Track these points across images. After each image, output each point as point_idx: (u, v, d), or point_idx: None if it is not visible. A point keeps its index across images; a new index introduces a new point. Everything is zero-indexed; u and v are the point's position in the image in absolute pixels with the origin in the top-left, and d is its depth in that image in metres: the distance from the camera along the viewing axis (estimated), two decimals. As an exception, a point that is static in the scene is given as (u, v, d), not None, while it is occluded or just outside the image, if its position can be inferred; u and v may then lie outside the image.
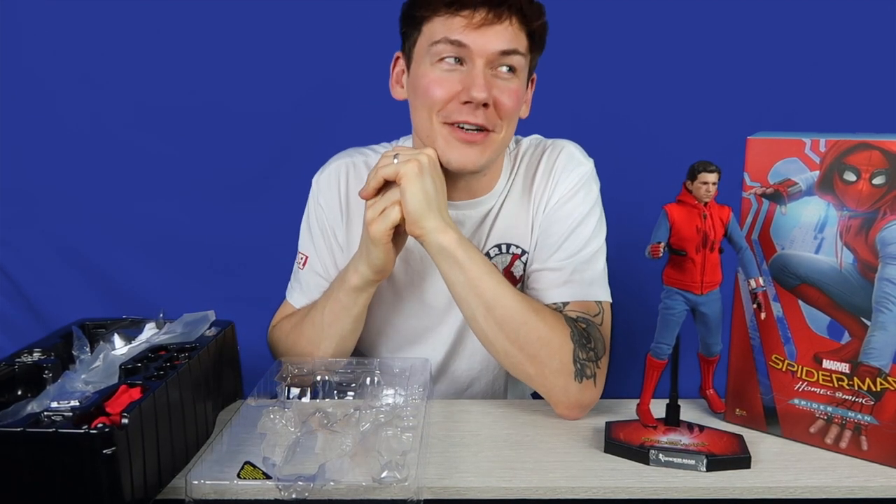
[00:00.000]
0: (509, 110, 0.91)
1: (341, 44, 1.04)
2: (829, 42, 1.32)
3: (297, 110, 1.41)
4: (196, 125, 1.40)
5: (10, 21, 1.38)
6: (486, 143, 0.92)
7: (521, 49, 0.90)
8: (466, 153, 0.91)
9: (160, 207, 1.43)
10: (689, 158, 0.80)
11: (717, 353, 0.85)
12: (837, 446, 0.83)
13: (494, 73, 0.90)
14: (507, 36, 0.88)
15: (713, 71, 1.34)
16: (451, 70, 0.90)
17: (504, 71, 0.90)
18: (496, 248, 1.05)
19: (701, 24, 1.34)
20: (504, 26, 0.88)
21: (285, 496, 0.70)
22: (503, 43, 0.88)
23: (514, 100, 0.91)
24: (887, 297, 0.78)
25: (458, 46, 0.88)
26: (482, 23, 0.87)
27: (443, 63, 0.90)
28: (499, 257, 1.05)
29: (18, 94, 1.40)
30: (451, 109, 0.90)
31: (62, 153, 1.42)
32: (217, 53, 1.38)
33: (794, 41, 1.33)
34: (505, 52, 0.89)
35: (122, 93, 1.40)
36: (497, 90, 0.90)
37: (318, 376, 0.98)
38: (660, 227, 0.79)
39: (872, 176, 0.77)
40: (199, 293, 1.20)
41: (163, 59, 1.39)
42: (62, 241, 1.44)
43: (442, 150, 0.92)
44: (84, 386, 0.80)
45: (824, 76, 1.32)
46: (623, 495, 0.76)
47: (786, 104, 1.32)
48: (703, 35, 1.34)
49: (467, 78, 0.89)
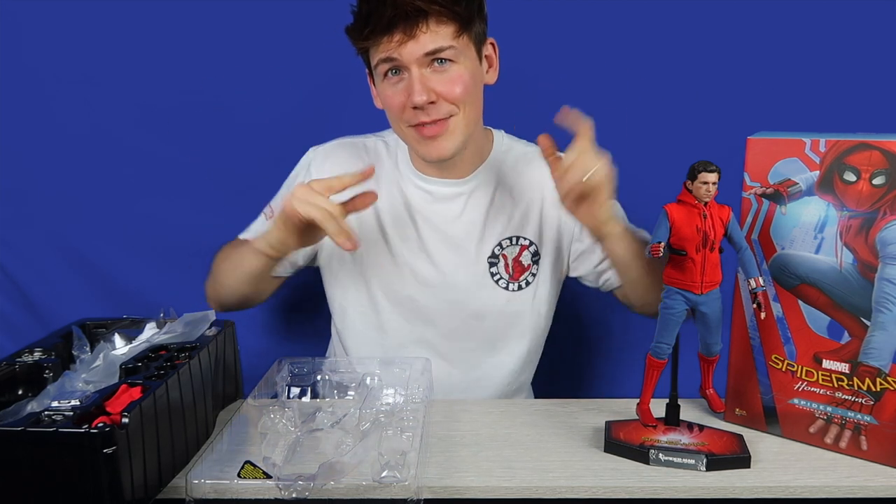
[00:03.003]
0: (456, 95, 0.97)
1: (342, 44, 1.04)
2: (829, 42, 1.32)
3: (297, 110, 1.40)
4: (196, 125, 1.40)
5: (10, 21, 1.38)
6: (450, 129, 0.99)
7: (446, 43, 0.95)
8: (436, 145, 1.00)
9: (160, 207, 1.43)
10: (689, 158, 0.80)
11: (716, 352, 0.85)
12: (837, 446, 0.83)
13: (432, 70, 0.96)
14: (427, 40, 0.94)
15: (713, 71, 1.34)
16: (398, 81, 0.98)
17: (439, 65, 0.96)
18: (507, 240, 1.11)
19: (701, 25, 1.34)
20: (420, 34, 0.93)
21: (285, 496, 0.70)
22: (425, 47, 0.94)
23: (458, 84, 0.97)
24: (887, 297, 0.78)
25: (392, 62, 0.96)
26: (401, 41, 0.93)
27: (389, 78, 0.98)
28: (509, 248, 1.11)
29: (18, 94, 1.40)
30: (408, 115, 0.98)
31: (62, 153, 1.42)
32: (217, 54, 1.38)
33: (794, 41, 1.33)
34: (430, 53, 0.94)
35: (123, 93, 1.40)
36: (437, 83, 0.96)
37: (319, 376, 0.98)
38: (660, 227, 0.79)
39: (872, 176, 0.77)
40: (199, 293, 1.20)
41: (163, 59, 1.38)
42: (62, 241, 1.44)
43: (416, 148, 1.03)
44: (84, 385, 0.80)
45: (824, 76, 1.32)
46: (623, 495, 0.76)
47: (786, 104, 1.32)
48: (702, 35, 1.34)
49: (408, 85, 0.96)
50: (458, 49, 0.96)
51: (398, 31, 0.93)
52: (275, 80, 1.40)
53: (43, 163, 1.43)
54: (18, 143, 1.43)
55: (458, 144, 1.00)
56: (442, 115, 0.97)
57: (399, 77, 0.97)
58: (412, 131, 1.00)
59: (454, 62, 0.96)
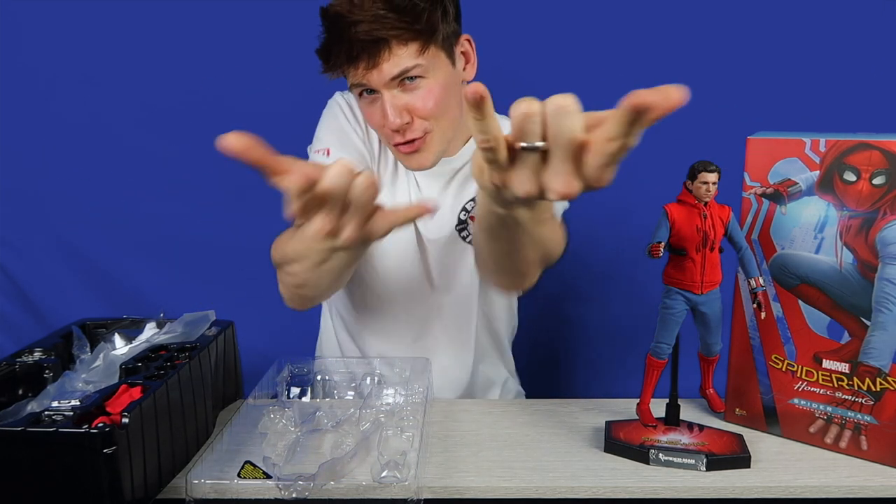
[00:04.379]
0: (429, 111, 0.97)
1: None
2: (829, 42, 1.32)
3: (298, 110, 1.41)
4: (197, 125, 1.40)
5: (10, 21, 1.38)
6: (428, 143, 0.99)
7: (411, 62, 0.94)
8: (416, 158, 1.00)
9: (160, 207, 1.43)
10: (689, 158, 0.80)
11: (716, 352, 0.85)
12: (837, 446, 0.83)
13: (402, 89, 0.96)
14: (392, 64, 0.93)
15: (713, 71, 1.34)
16: (372, 101, 0.98)
17: (409, 82, 0.95)
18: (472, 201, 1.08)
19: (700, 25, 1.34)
20: (386, 63, 0.93)
21: (285, 496, 0.70)
22: (391, 72, 0.93)
23: (429, 100, 0.96)
24: (887, 297, 0.78)
25: (362, 85, 0.96)
26: (365, 70, 0.93)
27: (364, 97, 0.98)
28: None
29: (19, 94, 1.40)
30: (386, 135, 0.99)
31: (63, 153, 1.42)
32: (218, 53, 1.38)
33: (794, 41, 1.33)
34: (396, 76, 0.94)
35: (123, 92, 1.40)
36: (409, 100, 0.96)
37: (319, 376, 0.98)
38: (660, 227, 0.79)
39: (872, 176, 0.77)
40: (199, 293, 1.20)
41: (163, 58, 1.39)
42: (62, 241, 1.44)
43: (399, 159, 1.03)
44: (84, 385, 0.80)
45: (824, 76, 1.32)
46: (623, 495, 0.76)
47: (786, 104, 1.32)
48: (702, 35, 1.34)
49: (382, 108, 0.96)
50: (426, 64, 0.95)
51: (361, 62, 0.93)
52: (275, 80, 1.40)
53: (43, 163, 1.43)
54: (18, 143, 1.43)
55: (436, 155, 1.01)
56: (417, 134, 0.98)
57: (373, 97, 0.97)
58: (392, 147, 1.01)
59: (423, 77, 0.96)
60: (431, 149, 1.00)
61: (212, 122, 1.41)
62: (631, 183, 1.37)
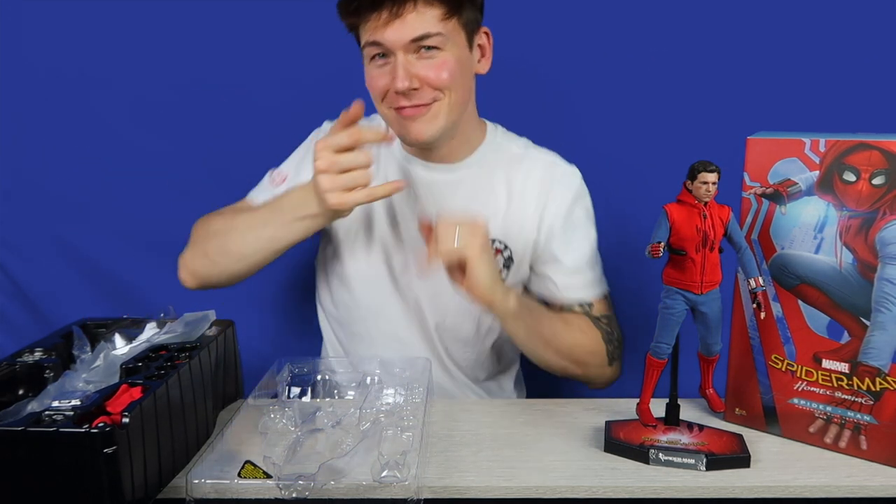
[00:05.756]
0: (441, 82, 0.95)
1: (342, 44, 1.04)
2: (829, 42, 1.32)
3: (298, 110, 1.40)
4: (197, 125, 1.40)
5: (11, 21, 1.38)
6: (433, 111, 0.97)
7: (433, 28, 0.93)
8: (418, 126, 0.97)
9: (160, 207, 1.43)
10: (689, 158, 0.80)
11: (716, 352, 0.85)
12: (837, 446, 0.83)
13: (418, 56, 0.95)
14: (414, 24, 0.92)
15: (713, 71, 1.34)
16: (383, 65, 0.96)
17: (425, 51, 0.95)
18: None
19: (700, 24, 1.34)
20: (407, 16, 0.92)
21: (286, 495, 0.70)
22: (412, 31, 0.92)
23: (444, 71, 0.95)
24: (887, 297, 0.78)
25: (377, 45, 0.94)
26: (388, 20, 0.92)
27: (375, 60, 0.96)
28: None
29: (18, 93, 1.40)
30: (390, 98, 0.97)
31: (62, 153, 1.42)
32: (218, 53, 1.38)
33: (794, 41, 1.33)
34: (416, 39, 0.93)
35: (123, 92, 1.40)
36: (421, 68, 0.94)
37: (319, 376, 0.98)
38: (660, 227, 0.79)
39: (872, 176, 0.77)
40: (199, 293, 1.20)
41: (163, 58, 1.38)
42: (62, 241, 1.44)
43: (397, 130, 1.00)
44: (85, 385, 0.80)
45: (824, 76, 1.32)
46: (623, 495, 0.76)
47: (786, 104, 1.32)
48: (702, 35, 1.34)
49: (392, 69, 0.95)
50: (446, 35, 0.94)
51: (385, 9, 0.91)
52: (275, 80, 1.40)
53: (43, 163, 1.43)
54: (18, 143, 1.43)
55: (438, 129, 0.98)
56: (425, 100, 0.96)
57: (385, 61, 0.95)
58: (393, 112, 0.98)
59: (441, 49, 0.95)
60: (436, 119, 0.97)
61: (212, 122, 1.41)
62: (631, 183, 1.37)
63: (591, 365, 1.02)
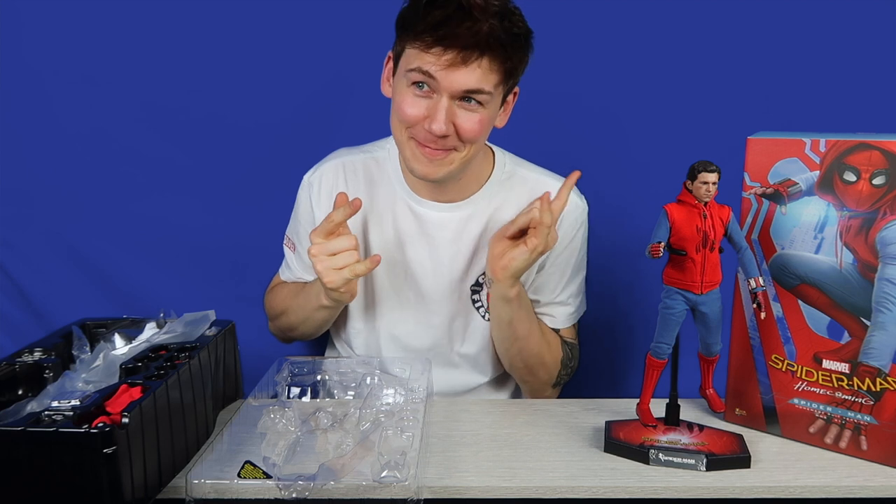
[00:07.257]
0: (472, 136, 0.96)
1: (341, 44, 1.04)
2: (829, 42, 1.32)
3: (298, 111, 1.41)
4: (196, 125, 1.40)
5: (10, 21, 1.38)
6: (449, 159, 0.98)
7: (488, 87, 0.93)
8: (429, 166, 0.98)
9: (160, 207, 1.43)
10: (689, 158, 0.80)
11: (716, 352, 0.85)
12: (837, 446, 0.83)
13: (460, 105, 0.94)
14: (474, 77, 0.91)
15: (713, 71, 1.34)
16: (422, 96, 0.94)
17: (468, 103, 0.94)
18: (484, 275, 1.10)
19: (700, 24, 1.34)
20: (472, 67, 0.91)
21: (286, 496, 0.70)
22: (469, 83, 0.91)
23: (478, 126, 0.96)
24: (887, 297, 0.78)
25: (428, 77, 0.92)
26: (450, 63, 0.90)
27: (415, 87, 0.94)
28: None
29: (18, 94, 1.40)
30: (416, 130, 0.96)
31: (62, 153, 1.42)
32: (217, 53, 1.38)
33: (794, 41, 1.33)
34: (469, 91, 0.92)
35: (123, 92, 1.40)
36: (460, 118, 0.94)
37: (318, 376, 0.98)
38: (660, 227, 0.79)
39: (872, 176, 0.77)
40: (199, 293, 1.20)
41: (163, 58, 1.38)
42: (62, 241, 1.44)
43: (408, 159, 0.99)
44: (84, 385, 0.80)
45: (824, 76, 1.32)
46: (623, 495, 0.76)
47: (786, 104, 1.32)
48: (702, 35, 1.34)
49: (433, 108, 0.93)
50: (492, 95, 0.94)
51: (454, 51, 0.89)
52: (276, 81, 1.40)
53: (43, 163, 1.43)
54: (18, 142, 1.43)
55: (446, 173, 0.99)
56: (447, 147, 0.96)
57: (425, 93, 0.94)
58: (413, 143, 0.97)
59: (482, 106, 0.94)
60: (450, 165, 0.98)
61: (212, 122, 1.41)
62: (631, 183, 1.37)
63: (541, 378, 1.10)
